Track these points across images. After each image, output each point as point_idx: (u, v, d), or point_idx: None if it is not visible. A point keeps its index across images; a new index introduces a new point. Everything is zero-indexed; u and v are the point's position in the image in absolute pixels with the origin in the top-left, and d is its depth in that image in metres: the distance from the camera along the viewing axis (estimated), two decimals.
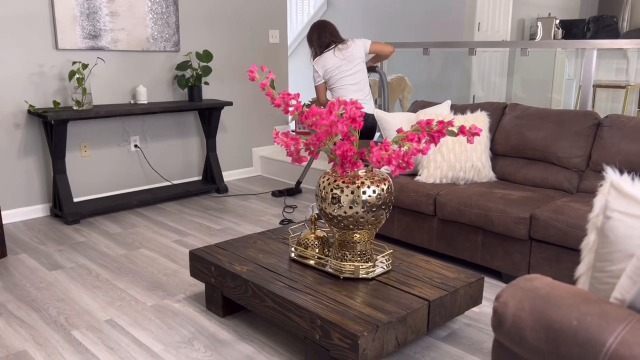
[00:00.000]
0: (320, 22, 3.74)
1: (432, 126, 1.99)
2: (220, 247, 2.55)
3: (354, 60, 3.67)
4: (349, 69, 3.64)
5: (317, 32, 3.68)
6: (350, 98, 3.66)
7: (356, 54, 3.67)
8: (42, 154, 3.88)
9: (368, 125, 3.73)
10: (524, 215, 2.65)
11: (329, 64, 3.61)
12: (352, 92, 3.67)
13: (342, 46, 3.64)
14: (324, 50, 3.65)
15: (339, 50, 3.63)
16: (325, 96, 3.66)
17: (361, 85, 3.70)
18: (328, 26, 3.70)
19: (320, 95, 3.62)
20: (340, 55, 3.62)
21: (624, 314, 1.12)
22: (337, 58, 3.61)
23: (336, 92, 3.66)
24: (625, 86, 4.72)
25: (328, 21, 3.76)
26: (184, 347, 2.20)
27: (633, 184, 1.29)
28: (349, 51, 3.65)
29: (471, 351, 2.19)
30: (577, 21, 6.41)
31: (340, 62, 3.62)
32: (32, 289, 2.73)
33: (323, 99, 3.64)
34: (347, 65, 3.64)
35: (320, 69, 3.60)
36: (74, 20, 3.84)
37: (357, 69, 3.66)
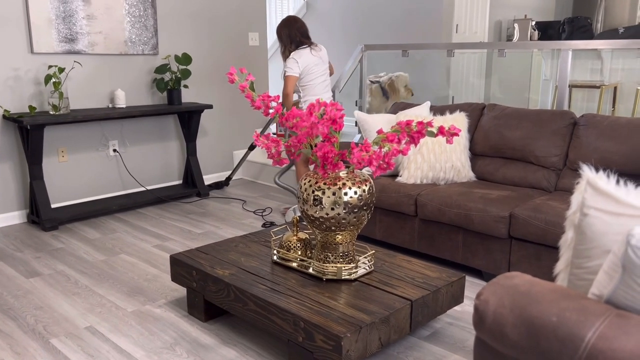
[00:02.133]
0: (290, 18, 3.71)
1: (412, 127, 2.00)
2: (201, 251, 2.53)
3: (325, 63, 3.72)
4: (322, 70, 3.68)
5: (287, 28, 3.66)
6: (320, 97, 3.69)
7: (325, 57, 3.74)
8: (18, 160, 3.82)
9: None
10: (503, 214, 2.68)
11: (309, 61, 3.60)
12: (322, 92, 3.71)
13: (315, 47, 3.68)
14: (297, 47, 3.63)
15: (315, 50, 3.64)
16: (292, 88, 3.60)
17: (329, 87, 3.79)
18: (296, 23, 3.69)
19: (290, 86, 3.54)
20: (316, 54, 3.64)
21: (602, 309, 1.14)
22: (314, 57, 3.62)
23: (307, 90, 3.65)
24: (600, 86, 4.80)
25: (297, 18, 3.75)
26: (165, 352, 2.18)
27: (608, 181, 1.31)
28: (322, 53, 3.71)
29: (454, 350, 2.21)
30: (552, 22, 6.51)
31: (317, 60, 3.64)
32: (9, 297, 2.68)
33: (291, 91, 3.56)
34: (322, 65, 3.67)
35: (300, 62, 3.56)
36: (50, 23, 3.79)
37: (326, 72, 3.74)
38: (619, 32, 5.65)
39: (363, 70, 4.88)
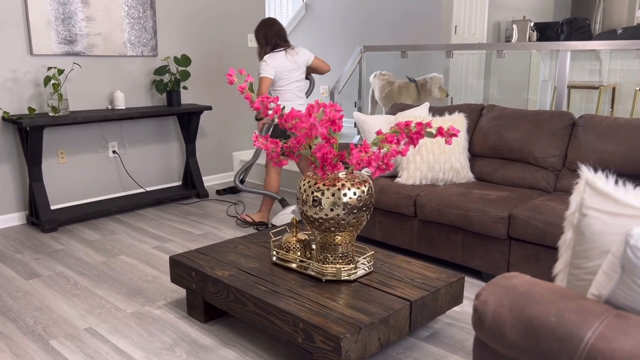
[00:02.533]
0: (267, 20, 3.66)
1: (411, 128, 2.00)
2: (201, 252, 2.53)
3: (301, 67, 3.64)
4: (297, 75, 3.61)
5: (263, 30, 3.62)
6: (297, 102, 3.67)
7: (303, 61, 3.65)
8: (18, 161, 3.82)
9: None
10: (502, 215, 2.68)
11: (282, 65, 3.55)
12: (296, 97, 3.65)
13: (291, 51, 3.59)
14: (272, 50, 3.60)
15: (290, 55, 3.57)
16: (266, 91, 3.55)
17: (303, 91, 3.73)
18: (274, 26, 3.63)
19: (264, 88, 3.49)
20: (291, 59, 3.57)
21: (601, 309, 1.14)
22: (289, 61, 3.56)
23: (281, 94, 3.62)
24: (599, 87, 4.81)
25: (276, 20, 3.69)
26: (165, 353, 2.18)
27: (607, 182, 1.31)
28: (299, 57, 3.61)
29: (453, 350, 2.21)
30: (551, 24, 6.52)
31: (291, 65, 3.57)
32: (8, 298, 2.68)
33: (264, 92, 3.51)
34: (297, 71, 3.60)
35: (273, 65, 3.52)
36: (49, 25, 3.79)
37: (301, 77, 3.67)
38: (617, 33, 5.66)
39: (362, 71, 4.88)
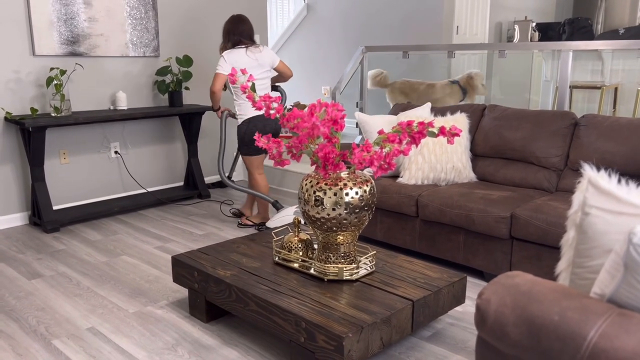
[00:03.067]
0: (235, 17, 3.61)
1: (413, 127, 2.00)
2: (203, 252, 2.53)
3: (264, 66, 3.57)
4: (258, 74, 3.54)
5: (228, 26, 3.58)
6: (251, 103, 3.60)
7: (266, 61, 3.58)
8: (20, 162, 3.82)
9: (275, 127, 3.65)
10: (504, 215, 2.68)
11: (240, 62, 3.49)
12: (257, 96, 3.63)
13: (254, 49, 3.53)
14: (233, 46, 3.54)
15: (252, 52, 3.51)
16: (221, 86, 3.50)
17: (267, 90, 3.66)
18: (241, 24, 3.57)
19: (217, 84, 3.46)
20: (252, 56, 3.51)
21: (604, 308, 1.14)
22: (249, 58, 3.50)
23: (240, 93, 3.56)
24: (601, 87, 4.81)
25: (245, 19, 3.63)
26: (167, 353, 2.18)
27: (610, 181, 1.31)
28: (262, 55, 3.55)
29: (455, 350, 2.21)
30: (552, 24, 6.52)
31: (251, 63, 3.51)
32: (11, 298, 2.68)
33: (218, 88, 3.48)
34: (257, 69, 3.54)
35: (229, 61, 3.48)
36: (51, 25, 3.80)
37: (264, 75, 3.60)
38: (619, 32, 5.66)
39: (364, 72, 4.88)
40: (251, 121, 3.55)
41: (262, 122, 3.56)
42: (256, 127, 3.54)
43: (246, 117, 3.55)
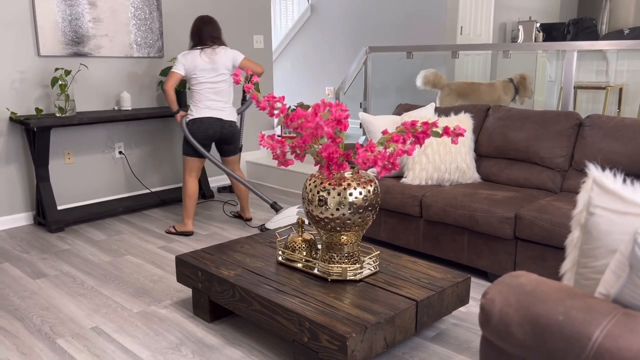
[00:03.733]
0: (198, 18, 3.57)
1: (417, 127, 2.00)
2: (206, 252, 2.54)
3: (218, 69, 3.50)
4: (212, 76, 3.49)
5: (193, 26, 3.56)
6: (205, 103, 3.51)
7: (223, 63, 3.51)
8: (25, 162, 3.84)
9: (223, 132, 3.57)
10: (508, 215, 2.67)
11: (193, 63, 3.46)
12: (208, 99, 3.50)
13: (209, 51, 3.48)
14: (194, 46, 3.53)
15: (205, 54, 3.47)
16: (172, 85, 3.47)
17: (222, 94, 3.55)
18: (202, 25, 3.52)
19: (168, 82, 3.45)
20: (206, 58, 3.47)
21: (609, 308, 1.14)
22: (203, 61, 3.46)
23: (192, 94, 3.54)
24: (605, 87, 4.79)
25: (208, 19, 3.56)
26: (171, 353, 2.18)
27: (615, 180, 1.31)
28: (217, 58, 3.49)
29: (459, 350, 2.20)
30: (557, 24, 6.50)
31: (204, 65, 3.47)
32: (15, 298, 2.69)
33: (169, 86, 3.46)
34: (211, 72, 3.49)
35: (182, 62, 3.47)
36: (56, 26, 3.81)
37: (220, 79, 3.52)
38: (624, 33, 5.64)
39: (367, 72, 4.88)
40: (195, 122, 3.50)
41: (205, 125, 3.50)
42: (199, 128, 3.49)
43: (192, 117, 3.52)
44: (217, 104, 3.54)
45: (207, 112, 3.51)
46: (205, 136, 3.53)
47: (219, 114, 3.54)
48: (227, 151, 3.73)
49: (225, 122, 3.57)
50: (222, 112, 3.56)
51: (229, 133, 3.61)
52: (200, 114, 3.51)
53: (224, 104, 3.57)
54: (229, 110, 3.60)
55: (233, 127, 3.62)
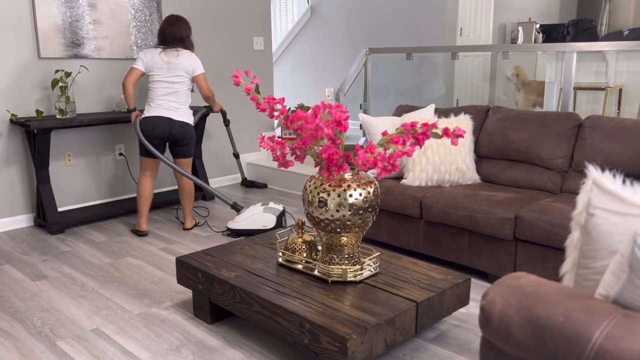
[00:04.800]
0: (166, 18, 3.54)
1: (417, 128, 2.00)
2: (207, 253, 2.54)
3: (176, 70, 3.46)
4: (168, 76, 3.47)
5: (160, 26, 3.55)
6: (157, 102, 3.49)
7: (181, 65, 3.48)
8: (25, 164, 3.84)
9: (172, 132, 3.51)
10: (509, 216, 2.68)
11: (152, 61, 3.47)
12: (160, 98, 3.48)
13: (171, 52, 3.48)
14: (156, 45, 3.53)
15: (166, 55, 3.47)
16: (131, 80, 3.48)
17: (178, 95, 3.52)
18: (167, 25, 3.50)
19: (128, 77, 3.46)
20: (165, 58, 3.46)
21: (609, 309, 1.14)
22: (162, 60, 3.45)
23: (149, 92, 3.54)
24: (605, 88, 4.79)
25: (172, 20, 3.51)
26: (171, 354, 2.19)
27: (614, 181, 1.31)
28: (176, 60, 3.47)
29: (459, 352, 2.20)
30: (556, 25, 6.51)
31: (161, 64, 3.45)
32: (16, 299, 2.69)
33: (128, 82, 3.47)
34: (168, 72, 3.46)
35: (142, 58, 3.48)
36: (56, 28, 3.82)
37: (177, 80, 3.48)
38: (623, 34, 5.64)
39: (367, 74, 4.88)
40: (145, 120, 3.49)
41: (152, 123, 3.48)
42: (147, 127, 3.48)
43: (144, 116, 3.52)
44: (171, 104, 3.50)
45: (157, 111, 3.48)
46: (154, 135, 3.49)
47: (170, 113, 3.49)
48: (176, 152, 3.62)
49: (175, 122, 3.50)
50: (174, 112, 3.50)
51: (178, 133, 3.51)
52: (151, 113, 3.49)
53: (177, 104, 3.51)
54: (182, 110, 3.52)
55: (184, 127, 3.52)
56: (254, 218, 3.54)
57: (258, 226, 3.52)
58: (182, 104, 3.54)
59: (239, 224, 3.55)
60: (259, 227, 3.52)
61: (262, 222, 3.53)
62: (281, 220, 3.57)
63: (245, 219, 3.54)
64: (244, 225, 3.54)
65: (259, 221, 3.53)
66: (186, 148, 3.62)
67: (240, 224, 3.55)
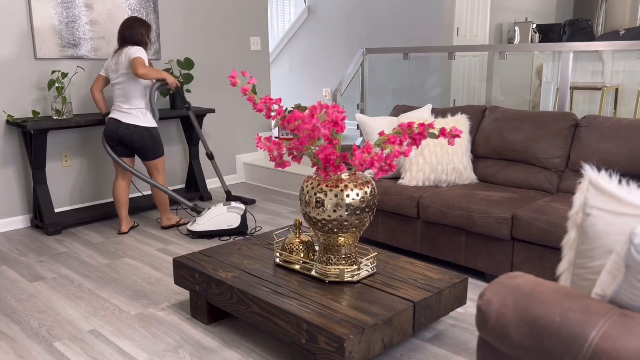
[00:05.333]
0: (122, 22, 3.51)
1: (414, 129, 2.01)
2: (204, 254, 2.54)
3: (119, 70, 3.45)
4: (117, 77, 3.46)
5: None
6: (114, 105, 3.51)
7: (123, 63, 3.42)
8: (22, 165, 3.83)
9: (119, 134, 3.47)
10: (506, 216, 2.68)
11: (107, 67, 3.53)
12: (116, 99, 3.50)
13: (118, 53, 3.47)
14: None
15: (115, 56, 3.48)
16: (96, 87, 3.55)
17: (127, 96, 3.45)
18: (121, 27, 3.48)
19: (93, 84, 3.55)
20: (115, 60, 3.47)
21: (606, 308, 1.14)
22: (112, 63, 3.48)
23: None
24: (602, 88, 4.81)
25: (125, 24, 3.47)
26: (169, 355, 2.18)
27: (611, 181, 1.31)
28: (120, 59, 3.45)
29: (457, 352, 2.20)
30: (553, 25, 6.52)
31: (113, 67, 3.48)
32: (13, 301, 2.69)
33: (93, 89, 3.54)
34: (116, 73, 3.46)
35: (104, 65, 3.55)
36: (53, 29, 3.81)
37: (124, 79, 3.44)
38: (620, 34, 5.66)
39: (365, 74, 4.89)
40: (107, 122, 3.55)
41: (106, 125, 3.53)
42: (104, 130, 3.55)
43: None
44: (122, 106, 3.49)
45: (112, 114, 3.51)
46: (106, 137, 3.53)
47: (119, 115, 3.48)
48: (139, 156, 3.60)
49: (122, 124, 3.46)
50: (122, 114, 3.48)
51: (125, 136, 3.47)
52: (111, 115, 3.53)
53: (128, 106, 3.47)
54: (133, 112, 3.47)
55: (130, 130, 3.46)
56: (219, 218, 3.52)
57: (223, 226, 3.53)
58: (134, 105, 3.47)
59: (202, 226, 3.51)
60: (225, 227, 3.53)
61: (227, 222, 3.53)
62: (245, 219, 3.59)
63: (210, 220, 3.52)
64: (209, 226, 3.51)
65: (224, 221, 3.53)
66: (142, 151, 3.54)
67: (204, 226, 3.52)
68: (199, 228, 3.52)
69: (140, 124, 3.49)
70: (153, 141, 3.55)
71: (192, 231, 3.54)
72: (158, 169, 3.65)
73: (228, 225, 3.52)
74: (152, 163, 3.62)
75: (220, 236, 3.57)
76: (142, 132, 3.50)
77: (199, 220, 3.53)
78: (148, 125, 3.52)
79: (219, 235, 3.56)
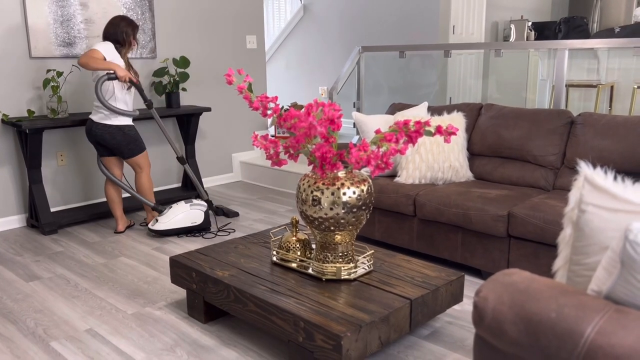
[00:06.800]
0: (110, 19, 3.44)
1: (410, 126, 2.01)
2: (201, 252, 2.54)
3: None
4: (93, 78, 3.41)
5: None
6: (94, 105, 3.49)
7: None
8: (17, 164, 3.82)
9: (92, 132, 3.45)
10: (502, 213, 2.69)
11: None
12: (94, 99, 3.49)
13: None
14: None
15: None
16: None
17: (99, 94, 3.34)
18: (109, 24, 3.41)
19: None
20: None
21: (601, 304, 1.15)
22: None
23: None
24: (597, 85, 4.82)
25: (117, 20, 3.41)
26: (166, 354, 2.18)
27: (606, 178, 1.32)
28: None
29: (453, 349, 2.21)
30: (548, 23, 6.53)
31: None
32: (9, 300, 2.68)
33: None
34: (93, 74, 3.42)
35: None
36: (48, 28, 3.79)
37: (95, 79, 3.37)
38: (615, 31, 5.67)
39: (360, 72, 4.89)
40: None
41: (86, 124, 3.51)
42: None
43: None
44: (94, 104, 3.48)
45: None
46: (88, 138, 3.54)
47: (93, 114, 3.49)
48: (117, 154, 3.58)
49: (94, 124, 3.46)
50: (94, 113, 3.47)
51: (97, 134, 3.45)
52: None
53: (98, 106, 3.44)
54: (103, 113, 3.44)
55: (100, 128, 3.42)
56: (183, 216, 3.54)
57: (187, 224, 3.55)
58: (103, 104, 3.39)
59: (165, 225, 3.51)
60: (189, 225, 3.55)
61: (191, 219, 3.56)
62: (208, 216, 3.61)
63: (174, 218, 3.52)
64: (172, 224, 3.51)
65: (188, 219, 3.55)
66: (117, 149, 3.51)
67: (167, 224, 3.51)
68: (161, 227, 3.52)
69: (109, 122, 3.44)
70: (126, 139, 3.49)
71: (154, 230, 3.53)
72: (140, 165, 3.62)
73: (192, 222, 3.56)
74: (131, 161, 3.59)
75: (185, 233, 3.60)
76: (112, 130, 3.45)
77: (161, 219, 3.53)
78: (119, 123, 3.46)
79: (184, 233, 3.59)
